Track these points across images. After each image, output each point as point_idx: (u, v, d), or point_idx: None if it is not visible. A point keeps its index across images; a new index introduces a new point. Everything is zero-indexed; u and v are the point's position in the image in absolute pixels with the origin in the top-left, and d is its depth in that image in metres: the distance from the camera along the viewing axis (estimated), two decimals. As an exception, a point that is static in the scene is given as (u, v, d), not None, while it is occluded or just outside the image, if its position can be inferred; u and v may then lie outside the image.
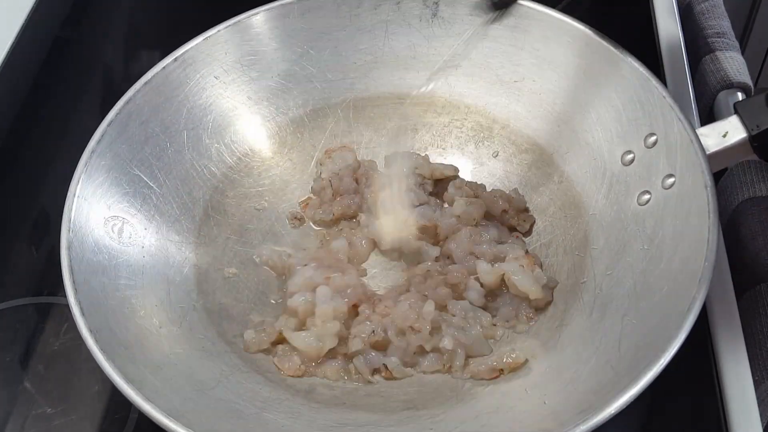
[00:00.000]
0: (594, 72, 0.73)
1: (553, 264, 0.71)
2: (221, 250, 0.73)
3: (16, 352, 0.71)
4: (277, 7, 0.78)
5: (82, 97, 0.92)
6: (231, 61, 0.77)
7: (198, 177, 0.74)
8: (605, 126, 0.72)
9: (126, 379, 0.56)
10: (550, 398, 0.59)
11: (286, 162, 0.79)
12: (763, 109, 0.65)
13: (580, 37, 0.74)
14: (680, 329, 0.56)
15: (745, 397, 0.65)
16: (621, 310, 0.62)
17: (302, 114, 0.80)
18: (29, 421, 0.66)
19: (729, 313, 0.69)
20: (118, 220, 0.68)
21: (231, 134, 0.77)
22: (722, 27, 0.94)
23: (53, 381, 0.68)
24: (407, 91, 0.80)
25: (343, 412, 0.62)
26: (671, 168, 0.66)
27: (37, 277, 0.76)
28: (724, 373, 0.66)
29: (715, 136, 0.66)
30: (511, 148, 0.78)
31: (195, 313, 0.67)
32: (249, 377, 0.64)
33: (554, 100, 0.76)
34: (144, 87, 0.73)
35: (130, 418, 0.66)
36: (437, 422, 0.60)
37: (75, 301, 0.60)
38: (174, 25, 0.98)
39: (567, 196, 0.73)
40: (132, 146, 0.71)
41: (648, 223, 0.66)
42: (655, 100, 0.69)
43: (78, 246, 0.63)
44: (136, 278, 0.66)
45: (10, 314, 0.73)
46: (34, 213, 0.82)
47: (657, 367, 0.54)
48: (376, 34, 0.80)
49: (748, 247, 0.75)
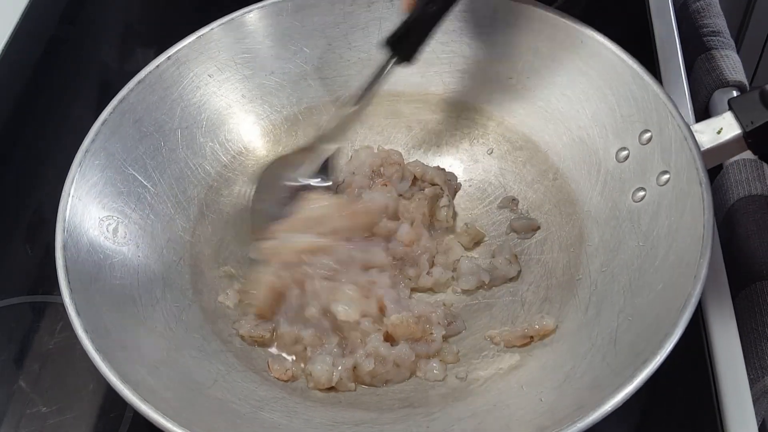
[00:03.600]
0: (588, 69, 0.73)
1: (548, 261, 0.71)
2: (216, 248, 0.72)
3: (11, 351, 0.71)
4: (271, 4, 0.78)
5: (78, 95, 0.93)
6: (225, 59, 0.77)
7: (192, 176, 0.74)
8: (600, 123, 0.72)
9: (123, 380, 0.56)
10: (546, 395, 0.59)
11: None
12: (757, 105, 0.65)
13: (573, 34, 0.74)
14: (676, 326, 0.56)
15: (740, 395, 0.65)
16: (616, 307, 0.63)
17: (296, 112, 0.80)
18: (24, 419, 0.66)
19: (724, 312, 0.70)
20: (112, 219, 0.68)
21: (225, 133, 0.77)
22: (717, 25, 0.94)
23: (48, 380, 0.68)
24: (401, 88, 0.80)
25: (340, 411, 0.62)
26: (666, 165, 0.66)
27: (31, 276, 0.76)
28: (720, 372, 0.66)
29: (710, 132, 0.66)
30: (506, 146, 0.78)
31: (190, 312, 0.67)
32: (245, 376, 0.64)
33: (549, 97, 0.76)
34: (138, 86, 0.73)
35: (125, 416, 0.66)
36: (433, 420, 0.60)
37: (70, 302, 0.60)
38: (169, 23, 0.98)
39: (562, 193, 0.73)
40: (126, 145, 0.71)
41: (643, 220, 0.66)
42: (650, 97, 0.69)
43: (73, 246, 0.63)
44: (131, 278, 0.66)
45: (5, 313, 0.73)
46: (29, 212, 0.82)
47: (653, 364, 0.54)
48: (370, 32, 0.80)
49: (744, 245, 0.75)
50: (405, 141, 0.80)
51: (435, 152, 0.79)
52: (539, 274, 0.70)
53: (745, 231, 0.76)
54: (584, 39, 0.73)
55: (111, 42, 1.00)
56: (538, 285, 0.69)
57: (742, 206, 0.77)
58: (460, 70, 0.79)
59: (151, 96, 0.73)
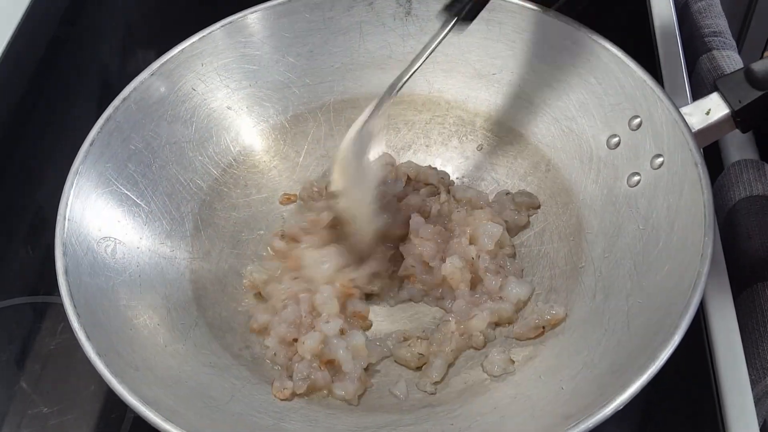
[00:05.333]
0: (572, 60, 0.74)
1: (549, 251, 0.71)
2: (215, 263, 0.72)
3: (13, 352, 0.70)
4: (250, 14, 0.77)
5: (79, 95, 0.92)
6: (208, 71, 0.76)
7: (185, 191, 0.73)
8: (588, 112, 0.73)
9: (143, 401, 0.55)
10: (566, 383, 0.59)
11: (271, 170, 0.78)
12: (743, 84, 0.66)
13: (554, 26, 0.75)
14: (689, 305, 0.56)
15: (742, 395, 0.65)
16: (624, 291, 0.63)
17: (283, 120, 0.79)
18: (25, 420, 0.66)
19: (726, 312, 0.70)
20: (110, 240, 0.66)
21: (213, 146, 0.76)
22: (719, 26, 0.95)
23: (49, 380, 0.68)
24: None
25: (360, 416, 0.62)
26: (658, 148, 0.67)
27: (33, 277, 0.75)
28: (721, 372, 0.67)
29: (699, 114, 0.67)
30: (495, 141, 0.78)
31: (197, 328, 0.66)
32: (260, 388, 0.63)
33: (534, 89, 0.77)
34: (122, 104, 0.71)
35: (126, 417, 0.65)
36: (456, 417, 0.60)
37: (79, 326, 0.58)
38: (169, 24, 0.98)
39: (556, 184, 0.74)
40: (116, 164, 0.69)
41: (641, 204, 0.67)
42: (636, 83, 0.70)
43: (74, 270, 0.62)
44: (135, 298, 0.65)
45: (6, 314, 0.72)
46: (30, 212, 0.81)
47: (673, 342, 0.55)
48: (351, 36, 0.80)
49: (745, 245, 0.75)
50: (394, 143, 0.80)
51: (425, 152, 0.79)
52: (541, 264, 0.71)
53: (746, 231, 0.76)
54: (564, 30, 0.74)
55: (112, 43, 1.00)
56: (542, 276, 0.70)
57: (744, 207, 0.78)
58: (443, 69, 0.79)
59: (136, 113, 0.72)
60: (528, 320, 0.66)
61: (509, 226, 0.72)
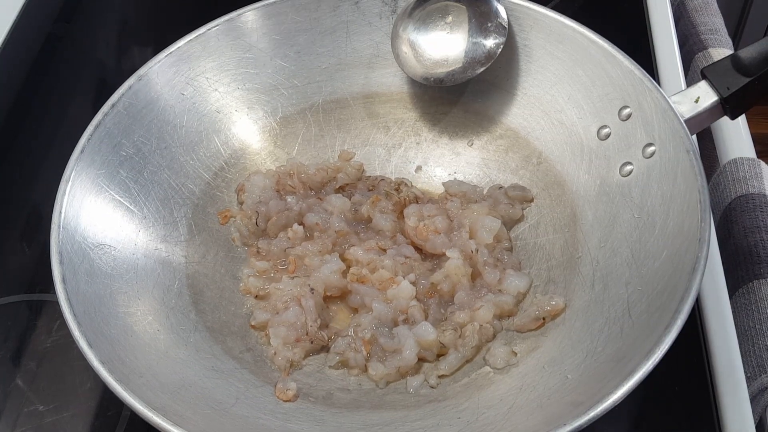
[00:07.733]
0: (559, 52, 0.75)
1: (545, 243, 0.72)
2: (212, 267, 0.71)
3: (8, 350, 0.70)
4: (236, 17, 0.77)
5: (75, 92, 0.91)
6: (196, 75, 0.76)
7: (177, 196, 0.73)
8: (577, 104, 0.74)
9: (151, 408, 0.54)
10: (571, 372, 0.60)
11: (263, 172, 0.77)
12: (730, 72, 0.67)
13: (541, 19, 0.75)
14: (690, 289, 0.57)
15: (737, 393, 0.66)
16: (623, 279, 0.64)
17: (272, 122, 0.79)
18: (21, 418, 0.65)
19: (721, 310, 0.71)
20: (105, 248, 0.66)
21: (204, 150, 0.76)
22: (715, 24, 0.96)
23: (45, 378, 0.68)
24: (375, 89, 0.80)
25: (366, 414, 0.61)
26: (650, 137, 0.68)
27: (29, 275, 0.75)
28: (717, 370, 0.67)
29: (688, 102, 0.68)
30: (485, 136, 0.78)
31: (197, 333, 0.66)
32: (264, 390, 0.63)
33: (522, 83, 0.77)
34: (111, 110, 0.71)
35: (123, 415, 0.65)
36: (462, 411, 0.60)
37: (80, 335, 0.58)
38: (166, 21, 0.98)
39: (548, 176, 0.74)
40: (108, 171, 0.69)
41: (635, 193, 0.68)
42: (624, 74, 0.70)
43: (71, 278, 0.61)
44: (133, 305, 0.64)
45: (2, 311, 0.72)
46: (26, 210, 0.80)
47: (677, 326, 0.55)
48: (338, 36, 0.80)
49: (741, 243, 0.76)
50: (384, 141, 0.80)
51: (415, 149, 0.80)
52: (538, 257, 0.71)
53: (742, 229, 0.77)
54: (550, 23, 0.75)
55: (108, 40, 0.99)
56: (539, 267, 0.70)
57: (740, 204, 0.78)
58: (432, 67, 0.79)
59: (126, 119, 0.71)
60: (528, 312, 0.66)
61: (504, 220, 0.72)
